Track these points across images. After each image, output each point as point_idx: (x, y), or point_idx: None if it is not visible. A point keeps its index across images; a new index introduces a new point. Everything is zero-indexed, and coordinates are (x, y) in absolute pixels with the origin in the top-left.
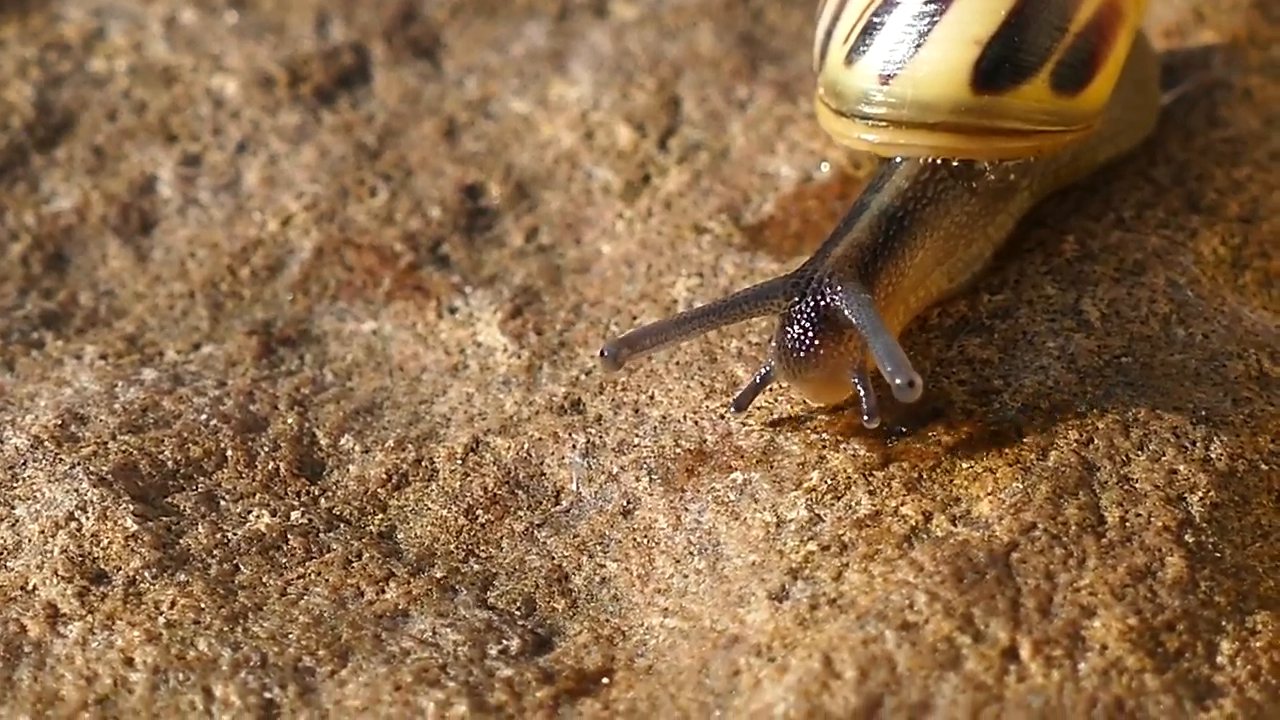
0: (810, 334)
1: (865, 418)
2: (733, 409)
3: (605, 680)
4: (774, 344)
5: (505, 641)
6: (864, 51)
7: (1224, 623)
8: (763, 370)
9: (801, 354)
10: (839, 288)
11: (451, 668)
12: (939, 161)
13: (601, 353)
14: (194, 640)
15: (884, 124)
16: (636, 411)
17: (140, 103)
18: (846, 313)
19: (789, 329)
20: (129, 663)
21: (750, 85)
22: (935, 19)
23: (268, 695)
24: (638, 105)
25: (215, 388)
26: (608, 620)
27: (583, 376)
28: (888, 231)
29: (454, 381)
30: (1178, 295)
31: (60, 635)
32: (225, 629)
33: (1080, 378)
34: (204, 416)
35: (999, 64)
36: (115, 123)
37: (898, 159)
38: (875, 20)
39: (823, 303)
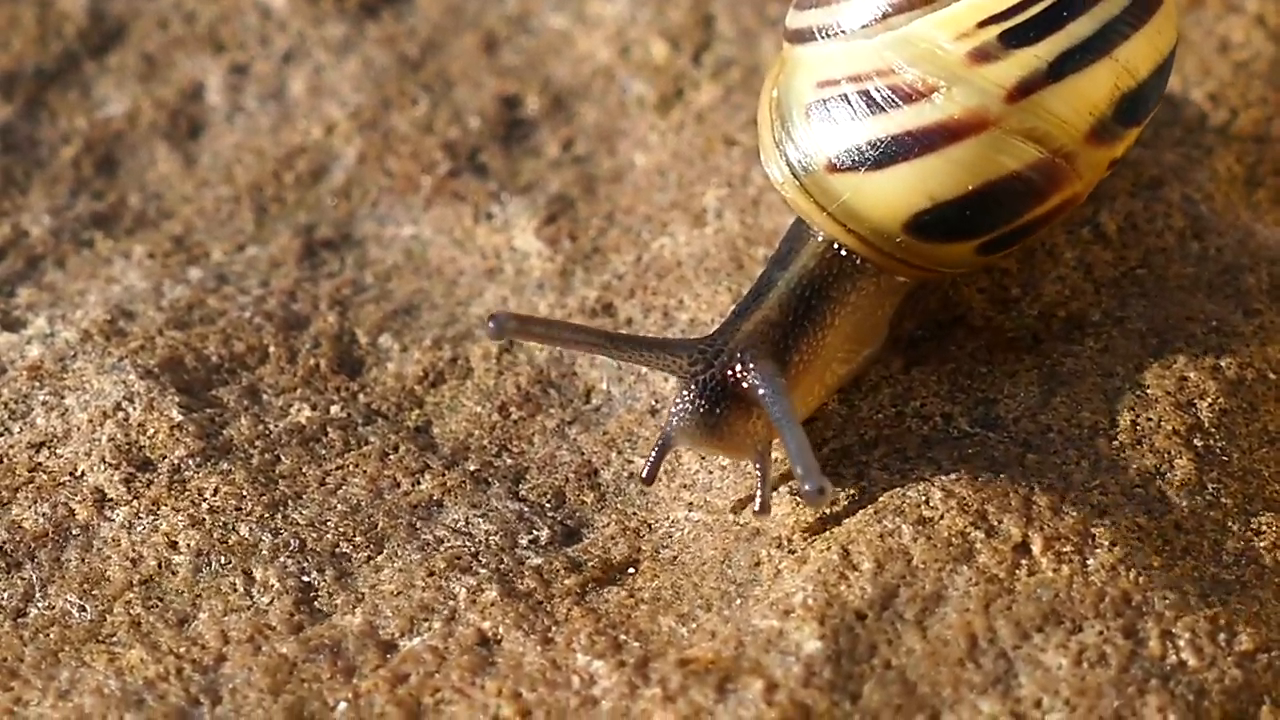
0: (716, 408)
1: (756, 506)
2: (643, 480)
3: (631, 570)
4: (675, 408)
5: (535, 532)
6: (830, 121)
7: (1230, 523)
8: (661, 440)
9: (707, 426)
10: (751, 365)
11: (483, 555)
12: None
13: (492, 316)
14: (236, 526)
15: (808, 198)
16: (665, 315)
17: (190, 13)
18: (760, 393)
19: (691, 398)
20: (173, 546)
21: (782, 3)
22: (911, 152)
23: (306, 579)
24: (672, 22)
25: (259, 287)
26: (634, 513)
27: (614, 281)
28: (797, 311)
29: (490, 284)
30: (1193, 210)
31: (107, 519)
32: (266, 515)
33: (1097, 288)
34: (248, 314)
35: (938, 223)
36: (166, 32)
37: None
38: (862, 100)
39: (732, 377)
